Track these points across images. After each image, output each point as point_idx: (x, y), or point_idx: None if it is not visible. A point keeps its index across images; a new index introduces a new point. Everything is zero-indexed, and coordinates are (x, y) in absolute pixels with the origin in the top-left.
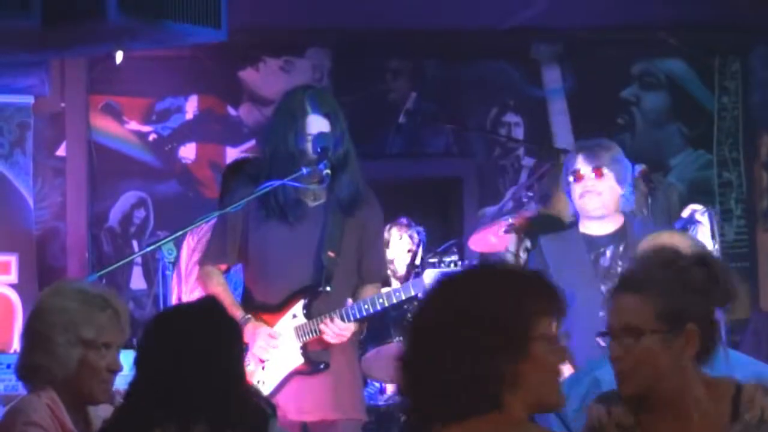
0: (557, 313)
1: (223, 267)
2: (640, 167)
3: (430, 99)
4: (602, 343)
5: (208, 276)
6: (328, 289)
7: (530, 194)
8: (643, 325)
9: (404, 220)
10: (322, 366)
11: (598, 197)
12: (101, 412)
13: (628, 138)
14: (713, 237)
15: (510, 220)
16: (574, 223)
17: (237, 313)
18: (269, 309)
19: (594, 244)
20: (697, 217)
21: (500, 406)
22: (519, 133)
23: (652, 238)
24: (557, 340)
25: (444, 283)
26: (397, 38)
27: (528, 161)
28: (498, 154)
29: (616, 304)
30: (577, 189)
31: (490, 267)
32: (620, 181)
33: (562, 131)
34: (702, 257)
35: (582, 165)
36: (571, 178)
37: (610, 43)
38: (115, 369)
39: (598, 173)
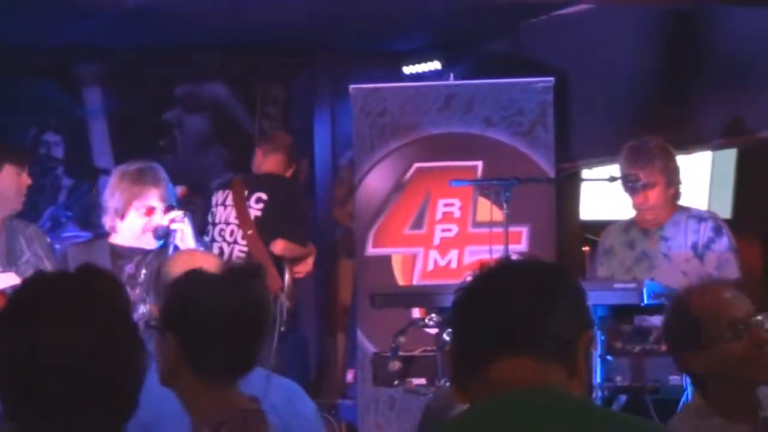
0: None
1: None
2: (179, 188)
3: None
4: None
5: None
6: None
7: (69, 214)
8: None
9: None
10: None
11: None
12: None
13: (170, 160)
14: (195, 238)
15: (56, 246)
16: (106, 235)
17: None
18: None
19: (120, 254)
20: (176, 224)
21: None
22: (59, 152)
23: (187, 256)
24: None
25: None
26: None
27: (67, 181)
28: (37, 174)
29: None
30: None
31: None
32: (164, 200)
33: (102, 152)
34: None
35: None
36: None
37: (153, 64)
38: None
39: None
